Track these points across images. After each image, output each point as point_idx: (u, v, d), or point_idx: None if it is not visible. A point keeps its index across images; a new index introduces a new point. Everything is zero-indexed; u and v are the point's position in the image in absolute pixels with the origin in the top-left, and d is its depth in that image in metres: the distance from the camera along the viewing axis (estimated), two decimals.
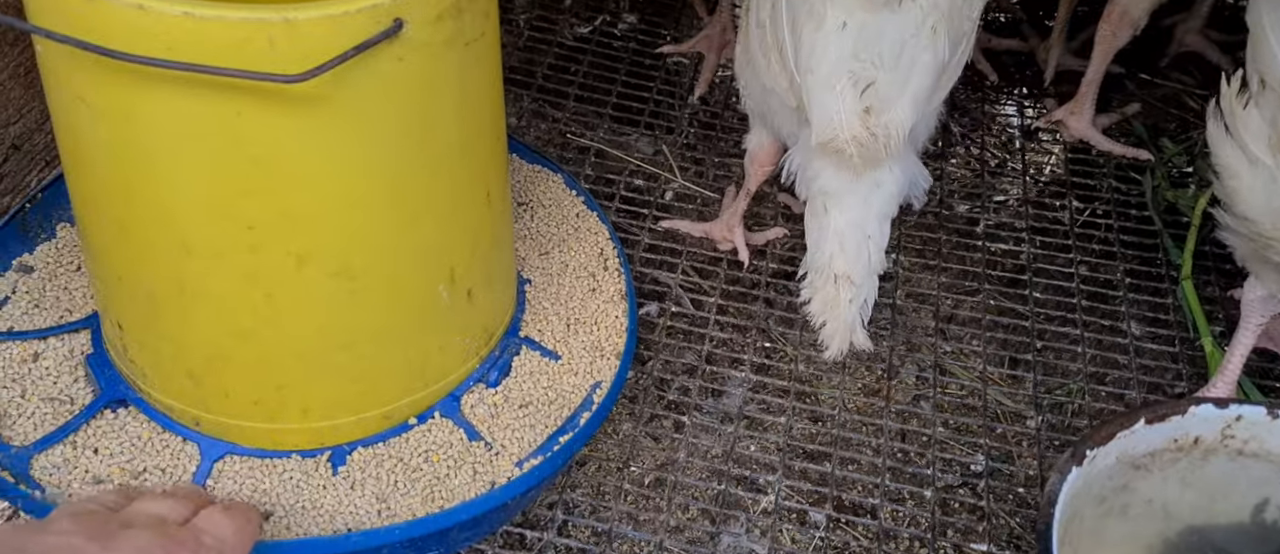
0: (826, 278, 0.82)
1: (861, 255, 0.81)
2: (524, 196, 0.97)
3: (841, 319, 0.82)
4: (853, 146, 0.76)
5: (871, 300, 0.83)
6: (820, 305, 0.83)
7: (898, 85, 0.75)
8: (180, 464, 0.72)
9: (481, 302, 0.77)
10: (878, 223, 0.82)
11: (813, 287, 0.84)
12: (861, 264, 0.81)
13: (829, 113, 0.75)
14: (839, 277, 0.82)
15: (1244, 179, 0.71)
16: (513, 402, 0.80)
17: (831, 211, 0.82)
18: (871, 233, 0.81)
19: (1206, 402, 0.68)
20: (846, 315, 0.82)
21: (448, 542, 0.75)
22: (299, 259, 0.64)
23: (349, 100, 0.59)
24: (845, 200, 0.81)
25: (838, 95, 0.75)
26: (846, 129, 0.75)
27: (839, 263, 0.81)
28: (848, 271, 0.81)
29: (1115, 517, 0.71)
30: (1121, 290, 1.08)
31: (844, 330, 0.82)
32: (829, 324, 0.83)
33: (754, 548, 0.85)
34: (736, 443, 0.92)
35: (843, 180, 0.81)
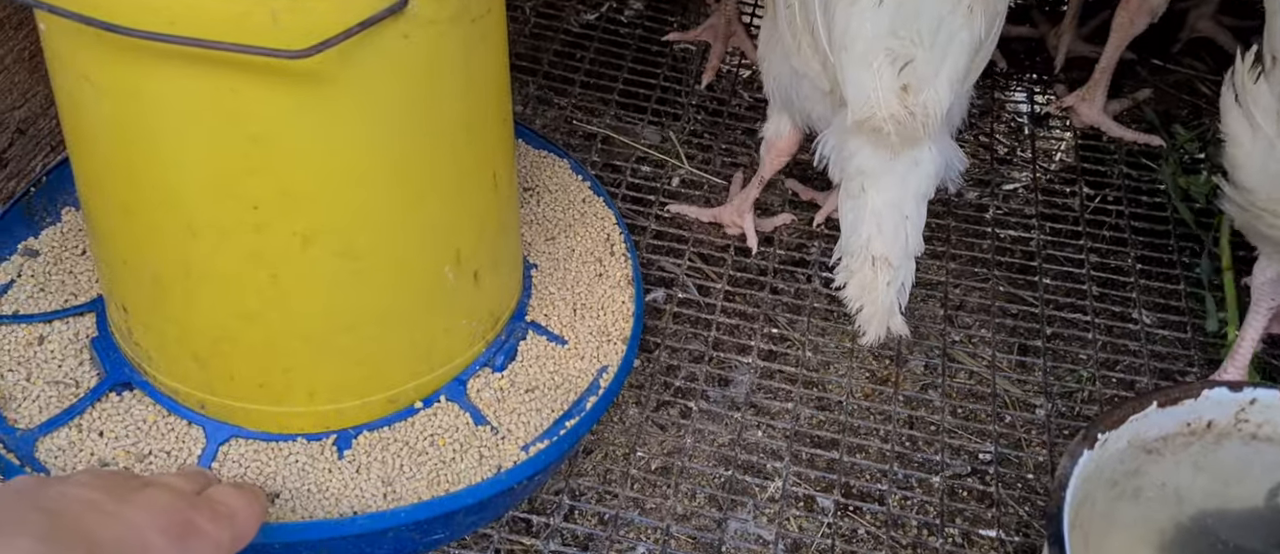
0: (864, 260, 0.80)
1: (899, 236, 0.79)
2: (530, 182, 0.97)
3: (879, 303, 0.79)
4: (891, 125, 0.74)
5: (908, 285, 0.81)
6: (857, 289, 0.81)
7: (935, 63, 0.74)
8: (185, 447, 0.72)
9: (487, 285, 0.76)
10: (915, 203, 0.79)
11: (848, 270, 0.82)
12: (899, 245, 0.79)
13: (866, 91, 0.74)
14: (877, 259, 0.79)
15: (1245, 147, 0.73)
16: (519, 386, 0.79)
17: (869, 192, 0.80)
18: (909, 213, 0.79)
19: (1220, 385, 0.67)
20: (884, 300, 0.79)
21: (454, 526, 0.75)
22: (304, 239, 0.64)
23: (353, 78, 0.58)
24: (883, 180, 0.79)
25: (875, 73, 0.73)
26: (884, 107, 0.74)
27: (877, 244, 0.79)
28: (886, 253, 0.79)
29: (1127, 501, 0.70)
30: (1132, 277, 1.07)
31: (882, 315, 0.80)
32: (866, 308, 0.80)
33: (762, 534, 0.84)
34: (744, 430, 0.91)
35: (880, 160, 0.79)
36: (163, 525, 0.54)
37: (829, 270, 0.86)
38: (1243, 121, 0.74)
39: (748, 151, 1.19)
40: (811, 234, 1.10)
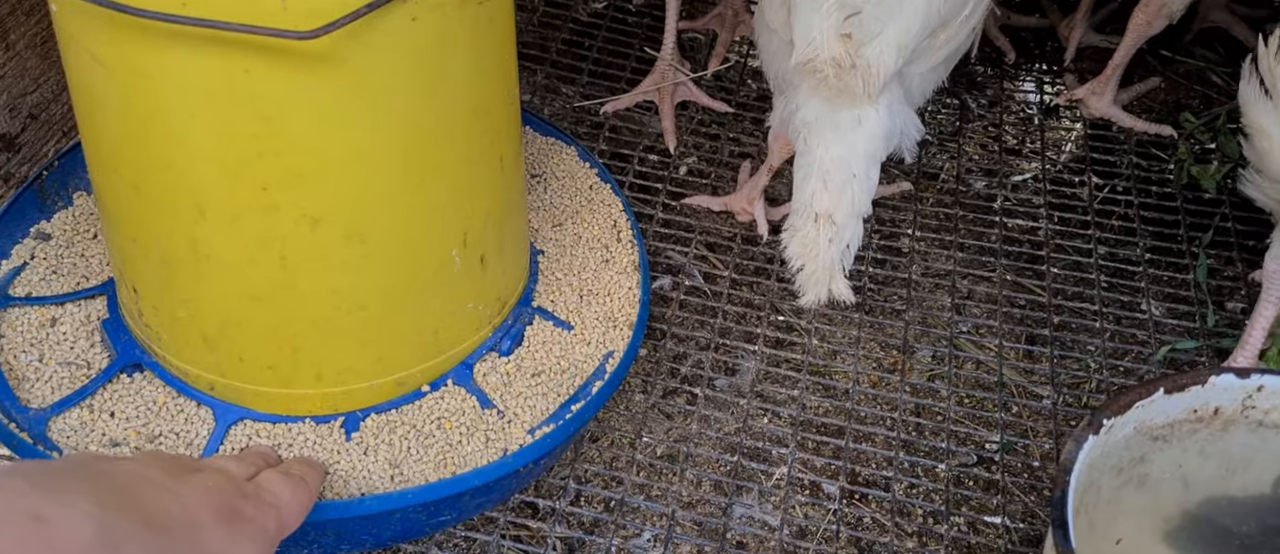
0: (807, 217, 0.78)
1: (845, 194, 0.77)
2: (537, 169, 0.97)
3: (820, 262, 0.77)
4: (830, 68, 0.74)
5: (854, 247, 0.79)
6: (799, 247, 0.79)
7: (883, 21, 0.74)
8: (195, 429, 0.73)
9: (494, 269, 0.77)
10: (864, 163, 0.78)
11: (792, 228, 0.80)
12: (845, 204, 0.77)
13: (810, 31, 0.75)
14: (820, 215, 0.78)
15: (1274, 138, 0.72)
16: (525, 370, 0.80)
17: (814, 145, 0.78)
18: (857, 172, 0.78)
19: (1227, 372, 0.67)
20: (825, 258, 0.77)
21: (460, 508, 0.76)
22: (312, 221, 0.64)
23: (361, 59, 0.59)
24: (826, 133, 0.78)
25: (822, 15, 0.74)
26: (825, 49, 0.74)
27: (821, 200, 0.78)
28: (830, 210, 0.77)
29: (1133, 487, 0.70)
30: (1141, 266, 1.07)
31: (822, 275, 0.78)
32: (807, 266, 0.79)
33: (767, 519, 0.85)
34: (750, 418, 0.92)
35: (823, 111, 0.78)
36: (214, 507, 0.55)
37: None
38: (1271, 113, 0.73)
39: (755, 141, 1.19)
40: None
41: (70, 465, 0.53)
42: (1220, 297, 1.05)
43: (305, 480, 0.64)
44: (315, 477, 0.67)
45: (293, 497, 0.62)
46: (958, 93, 1.28)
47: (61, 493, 0.46)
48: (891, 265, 1.06)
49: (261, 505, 0.60)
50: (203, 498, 0.55)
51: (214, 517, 0.55)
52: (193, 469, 0.59)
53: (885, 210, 1.12)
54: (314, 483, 0.66)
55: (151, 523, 0.50)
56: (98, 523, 0.46)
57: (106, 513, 0.47)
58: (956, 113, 1.26)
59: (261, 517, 0.59)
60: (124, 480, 0.52)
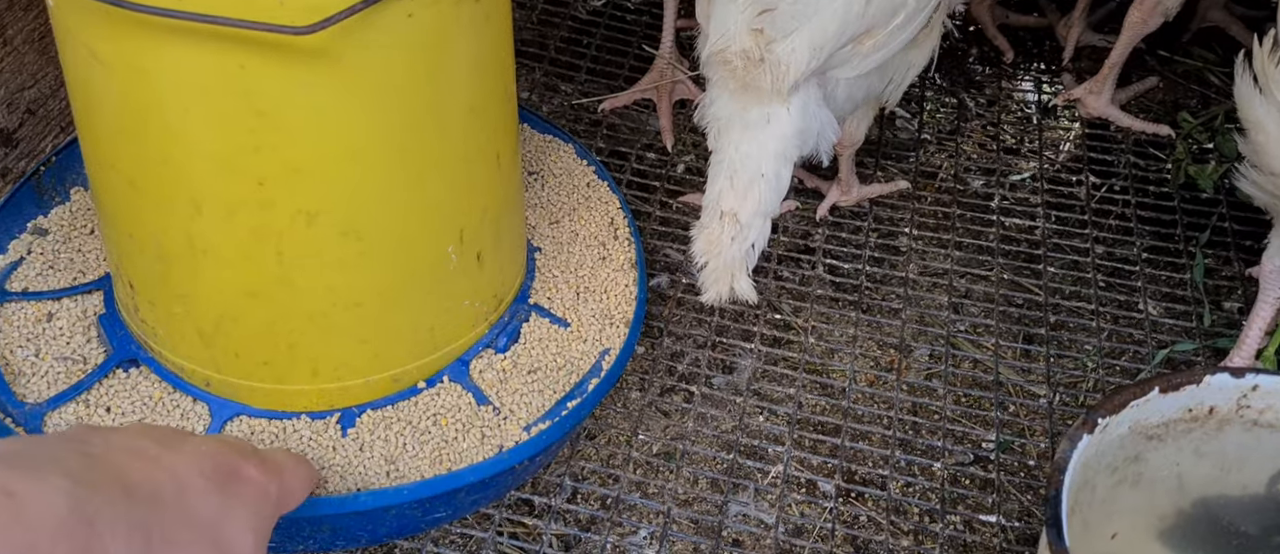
0: (713, 214, 0.78)
1: (751, 193, 0.77)
2: (535, 166, 0.97)
3: (722, 260, 0.77)
4: (739, 60, 0.74)
5: (759, 246, 0.78)
6: (703, 244, 0.78)
7: (798, 18, 0.73)
8: (191, 424, 0.73)
9: (491, 266, 0.77)
10: (773, 162, 0.77)
11: (700, 225, 0.80)
12: (750, 203, 0.77)
13: (725, 23, 0.75)
14: (725, 213, 0.77)
15: (1271, 132, 0.73)
16: (521, 367, 0.80)
17: (723, 142, 0.78)
18: (765, 171, 0.77)
19: (1222, 371, 0.67)
20: (727, 256, 0.76)
21: (455, 505, 0.76)
22: (308, 216, 0.64)
23: (357, 55, 0.59)
24: (733, 131, 0.77)
25: (738, 9, 0.74)
26: (737, 41, 0.74)
27: (727, 199, 0.77)
28: (734, 209, 0.77)
29: (1128, 486, 0.70)
30: (1138, 266, 1.07)
31: (723, 272, 0.77)
32: (710, 265, 0.78)
33: (763, 517, 0.85)
34: (748, 417, 0.92)
35: (733, 107, 0.77)
36: (207, 470, 0.53)
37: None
38: (1266, 108, 0.74)
39: None
40: (817, 222, 1.10)
41: (51, 440, 0.51)
42: (1217, 296, 1.05)
43: (308, 462, 0.62)
44: (312, 467, 0.65)
45: (296, 468, 0.59)
46: (956, 92, 1.28)
47: (35, 468, 0.45)
48: (889, 264, 1.07)
49: (263, 467, 0.56)
50: (194, 462, 0.53)
51: (207, 481, 0.52)
52: (187, 436, 0.56)
53: (883, 209, 1.12)
54: (314, 469, 0.64)
55: (134, 494, 0.48)
56: (71, 497, 0.44)
57: (80, 487, 0.45)
58: (955, 112, 1.26)
59: (263, 478, 0.55)
60: (106, 453, 0.50)
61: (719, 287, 0.78)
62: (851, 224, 1.10)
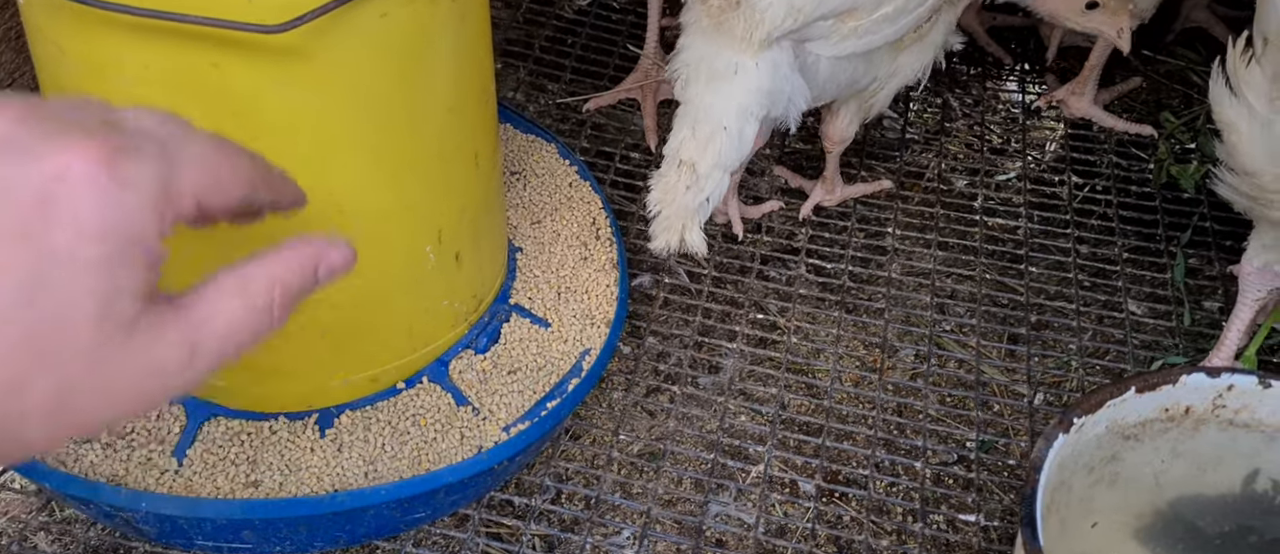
0: (672, 164, 0.77)
1: (712, 145, 0.76)
2: (517, 166, 0.97)
3: (675, 208, 0.75)
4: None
5: (715, 200, 0.77)
6: (659, 193, 0.78)
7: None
8: (166, 425, 0.72)
9: (470, 266, 0.76)
10: (737, 118, 0.76)
11: (659, 175, 0.79)
12: (710, 154, 0.76)
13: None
14: (683, 162, 0.77)
15: (1243, 133, 0.73)
16: (501, 368, 0.79)
17: (689, 93, 0.78)
18: (728, 124, 0.76)
19: (1198, 371, 0.67)
20: (680, 204, 0.75)
21: (434, 505, 0.75)
22: (283, 215, 0.64)
23: (331, 54, 0.58)
24: (700, 79, 0.77)
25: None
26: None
27: (688, 149, 0.77)
28: (693, 159, 0.76)
29: (1105, 486, 0.70)
30: (1119, 266, 1.07)
31: (675, 221, 0.76)
32: (663, 213, 0.77)
33: (746, 517, 0.85)
34: (731, 416, 0.92)
35: (703, 52, 0.77)
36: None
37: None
38: (1238, 107, 0.74)
39: None
40: (801, 222, 1.10)
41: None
42: (1199, 296, 1.05)
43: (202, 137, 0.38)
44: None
45: (215, 151, 0.37)
46: (941, 92, 1.28)
47: None
48: (875, 264, 1.07)
49: (137, 155, 0.33)
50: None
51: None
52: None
53: (868, 209, 1.12)
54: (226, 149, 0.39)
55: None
56: None
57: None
58: (940, 112, 1.26)
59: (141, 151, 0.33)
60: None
61: (669, 235, 0.77)
62: (836, 224, 1.10)
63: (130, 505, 0.68)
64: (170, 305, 0.34)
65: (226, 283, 0.36)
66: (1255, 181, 0.76)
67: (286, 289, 0.38)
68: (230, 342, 0.35)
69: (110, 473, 0.69)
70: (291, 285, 0.38)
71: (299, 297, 0.38)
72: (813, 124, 1.22)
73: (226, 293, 0.36)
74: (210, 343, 0.34)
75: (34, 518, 0.80)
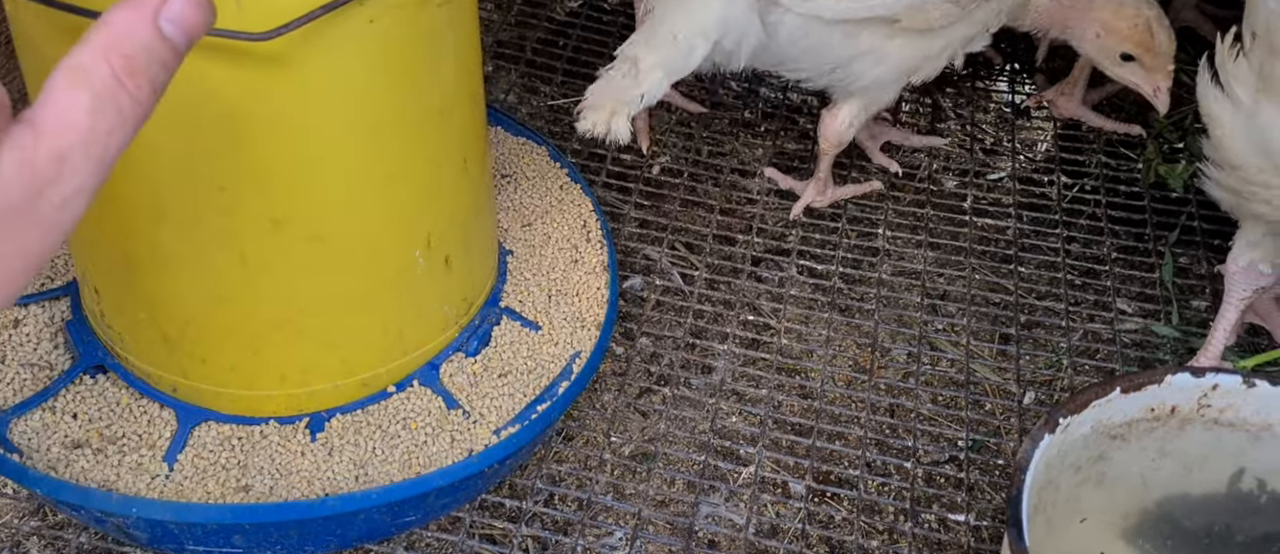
0: (620, 62, 0.81)
1: (660, 48, 0.80)
2: (508, 169, 0.97)
3: (609, 90, 0.79)
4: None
5: (649, 99, 0.80)
6: (601, 83, 0.81)
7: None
8: (157, 430, 0.73)
9: (460, 270, 0.77)
10: (688, 32, 0.80)
11: (604, 71, 0.83)
12: (655, 55, 0.80)
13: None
14: (629, 57, 0.80)
15: (1228, 126, 0.74)
16: (492, 371, 0.80)
17: (656, 13, 0.82)
18: (678, 35, 0.80)
19: (1183, 371, 0.67)
20: (615, 87, 0.79)
21: (425, 508, 0.76)
22: (273, 222, 0.64)
23: (318, 61, 0.58)
24: (671, 4, 0.82)
25: None
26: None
27: (637, 47, 0.81)
28: (638, 55, 0.80)
29: (1092, 486, 0.71)
30: (1108, 265, 1.08)
31: (606, 104, 0.79)
32: (596, 95, 0.80)
33: (733, 517, 0.85)
34: (724, 418, 0.92)
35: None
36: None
37: None
38: (1222, 101, 0.76)
39: (732, 139, 1.19)
40: (793, 223, 1.10)
41: None
42: (1187, 295, 1.06)
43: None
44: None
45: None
46: (930, 92, 1.28)
47: None
48: (867, 265, 1.07)
49: None
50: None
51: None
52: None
53: (860, 209, 1.12)
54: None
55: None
56: None
57: None
58: (929, 112, 1.26)
59: None
60: None
61: (597, 116, 0.79)
62: (828, 225, 1.10)
63: (121, 511, 0.68)
64: (22, 124, 0.31)
65: (60, 77, 0.32)
66: (1239, 174, 0.77)
67: (126, 58, 0.32)
68: (96, 141, 0.31)
69: (101, 478, 0.70)
70: (130, 53, 0.32)
71: (151, 62, 0.33)
72: (805, 124, 1.23)
73: (64, 88, 0.32)
74: (76, 146, 0.31)
75: (25, 523, 0.80)
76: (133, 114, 0.33)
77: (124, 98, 0.32)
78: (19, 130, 0.31)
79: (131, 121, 0.33)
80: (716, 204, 1.11)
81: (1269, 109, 0.72)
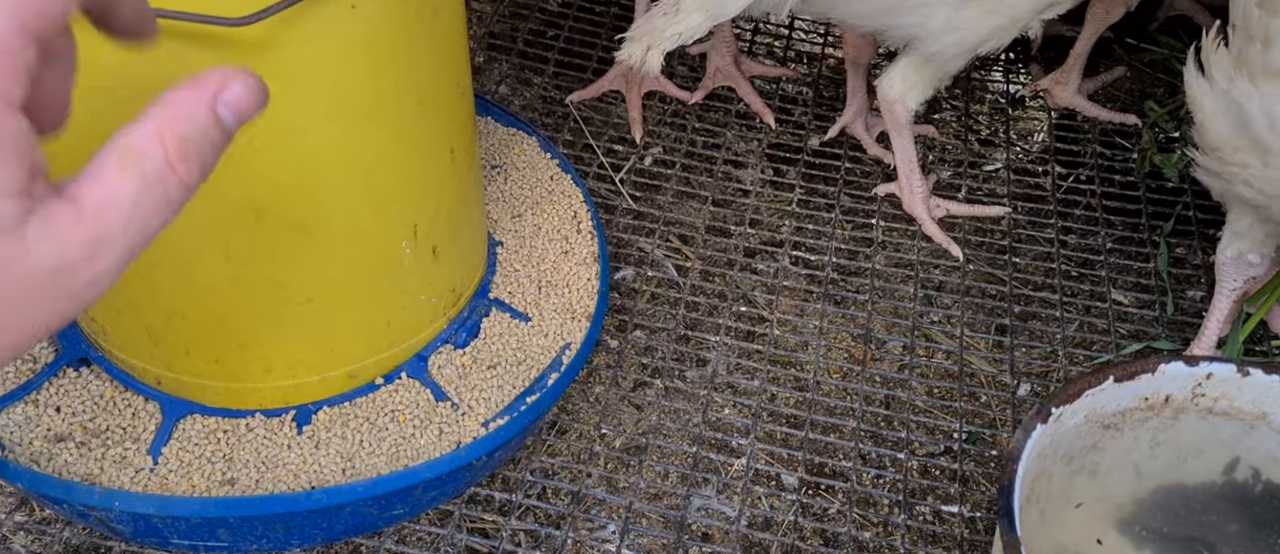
0: (665, 5, 0.85)
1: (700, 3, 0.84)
2: (498, 159, 0.96)
3: (649, 28, 0.83)
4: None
5: (685, 38, 0.84)
6: (642, 21, 0.85)
7: None
8: (142, 423, 0.72)
9: (447, 260, 0.76)
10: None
11: (650, 10, 0.86)
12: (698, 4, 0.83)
13: None
14: (671, 4, 0.85)
15: (1208, 109, 0.74)
16: (481, 363, 0.79)
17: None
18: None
19: (1177, 360, 0.67)
20: (655, 25, 0.83)
21: (413, 501, 0.75)
22: (255, 212, 0.63)
23: (298, 48, 0.58)
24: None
25: None
26: None
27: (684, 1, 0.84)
28: (679, 4, 0.84)
29: (1085, 476, 0.70)
30: (1104, 255, 1.07)
31: (644, 39, 0.83)
32: (638, 31, 0.84)
33: (730, 510, 0.84)
34: (718, 410, 0.91)
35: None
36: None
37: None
38: (1204, 85, 0.76)
39: (723, 130, 1.19)
40: (787, 214, 1.10)
41: None
42: (1183, 284, 1.05)
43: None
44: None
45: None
46: None
47: None
48: (862, 256, 1.06)
49: None
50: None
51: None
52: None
53: (855, 201, 1.12)
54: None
55: None
56: None
57: None
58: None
59: None
60: None
61: (635, 48, 0.84)
62: (822, 217, 1.10)
63: (104, 504, 0.67)
64: (60, 198, 0.30)
65: (111, 157, 0.31)
66: (1219, 155, 0.77)
67: (181, 140, 0.31)
68: (136, 221, 0.31)
69: (84, 472, 0.69)
70: (186, 135, 0.32)
71: (203, 146, 0.32)
72: (799, 116, 1.22)
73: (113, 168, 0.31)
74: (114, 231, 0.30)
75: (10, 518, 0.80)
76: (178, 197, 0.32)
77: (173, 182, 0.32)
78: (58, 208, 0.30)
79: (176, 205, 0.32)
80: (710, 195, 1.10)
81: (1243, 85, 0.73)
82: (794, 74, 1.25)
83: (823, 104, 1.23)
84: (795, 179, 1.13)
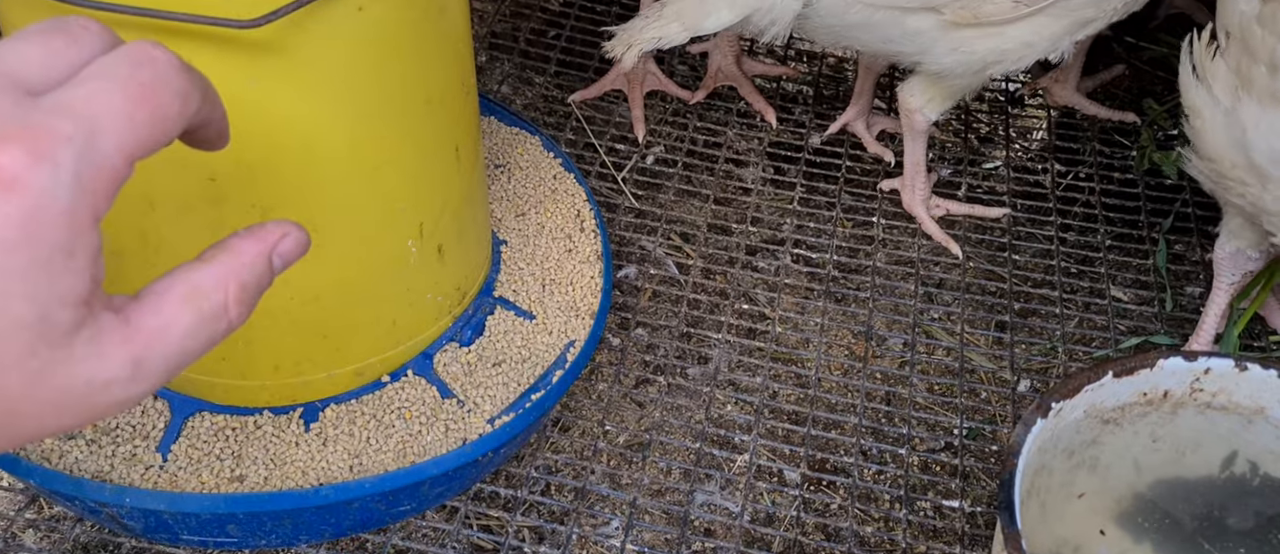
0: (655, 3, 0.89)
1: (687, 3, 0.87)
2: (501, 159, 0.97)
3: (632, 28, 0.88)
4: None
5: (665, 42, 0.88)
6: (634, 20, 0.89)
7: None
8: (150, 420, 0.73)
9: (453, 259, 0.77)
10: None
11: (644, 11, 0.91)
12: (679, 6, 0.87)
13: None
14: (657, 3, 0.89)
15: (1207, 119, 0.74)
16: (486, 360, 0.80)
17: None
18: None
19: (1175, 355, 0.67)
20: (638, 26, 0.88)
21: (420, 497, 0.76)
22: (262, 211, 0.64)
23: (306, 49, 0.58)
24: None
25: None
26: None
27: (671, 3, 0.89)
28: (664, 3, 0.88)
29: (1086, 471, 0.71)
30: (1103, 252, 1.08)
31: (626, 37, 0.88)
32: (624, 28, 0.89)
33: (734, 506, 0.85)
34: (720, 406, 0.92)
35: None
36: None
37: None
38: (1203, 95, 0.76)
39: (725, 129, 1.19)
40: (788, 212, 1.10)
41: None
42: (1182, 281, 1.06)
43: (151, 78, 0.32)
44: (174, 73, 0.34)
45: (124, 104, 0.31)
46: None
47: None
48: (862, 253, 1.07)
49: (51, 141, 0.29)
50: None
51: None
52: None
53: (855, 199, 1.12)
54: (171, 83, 0.33)
55: None
56: None
57: None
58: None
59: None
60: None
61: (618, 44, 0.89)
62: (823, 214, 1.10)
63: (115, 501, 0.68)
64: (116, 316, 0.31)
65: (176, 290, 0.33)
66: (1216, 167, 0.77)
67: (242, 287, 0.35)
68: (180, 354, 0.33)
69: (95, 469, 0.70)
70: (247, 282, 0.35)
71: (256, 291, 0.36)
72: (800, 115, 1.23)
73: (175, 301, 0.33)
74: (157, 357, 0.32)
75: (21, 515, 0.80)
76: (222, 335, 0.34)
77: (223, 323, 0.34)
78: (109, 322, 0.31)
79: (219, 340, 0.34)
80: (711, 194, 1.11)
81: (1249, 107, 0.72)
82: (795, 73, 1.25)
83: (823, 102, 1.24)
84: (796, 177, 1.14)
